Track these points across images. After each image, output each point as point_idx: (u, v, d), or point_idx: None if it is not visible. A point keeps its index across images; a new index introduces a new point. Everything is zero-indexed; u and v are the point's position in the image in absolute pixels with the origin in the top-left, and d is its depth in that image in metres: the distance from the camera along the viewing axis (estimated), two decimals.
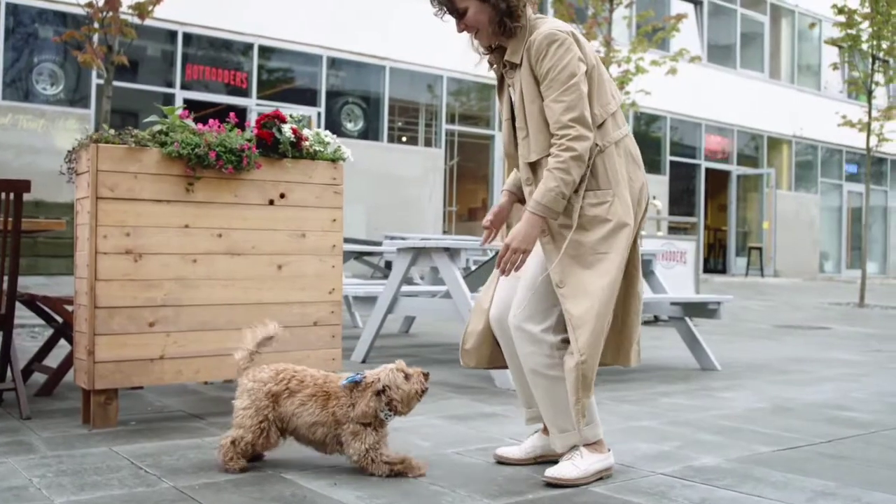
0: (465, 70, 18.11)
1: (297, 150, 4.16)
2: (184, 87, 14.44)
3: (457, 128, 18.46)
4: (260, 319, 4.03)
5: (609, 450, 3.07)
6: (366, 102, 16.92)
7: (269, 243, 4.08)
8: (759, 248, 23.28)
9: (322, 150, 4.26)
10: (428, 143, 18.11)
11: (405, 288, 6.33)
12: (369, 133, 16.58)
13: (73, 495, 2.71)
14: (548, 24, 2.98)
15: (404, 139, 17.86)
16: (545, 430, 3.23)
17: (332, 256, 4.27)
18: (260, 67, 15.44)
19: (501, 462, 3.22)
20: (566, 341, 2.98)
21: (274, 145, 4.08)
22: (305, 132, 4.22)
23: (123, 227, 3.71)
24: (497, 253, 3.17)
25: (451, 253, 5.53)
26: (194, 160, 3.83)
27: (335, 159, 4.30)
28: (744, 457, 3.38)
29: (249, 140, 3.99)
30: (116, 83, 10.98)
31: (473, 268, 6.78)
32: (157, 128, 3.89)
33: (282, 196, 4.12)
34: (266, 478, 2.96)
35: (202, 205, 3.90)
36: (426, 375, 3.09)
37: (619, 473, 3.08)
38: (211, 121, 4.02)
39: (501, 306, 3.16)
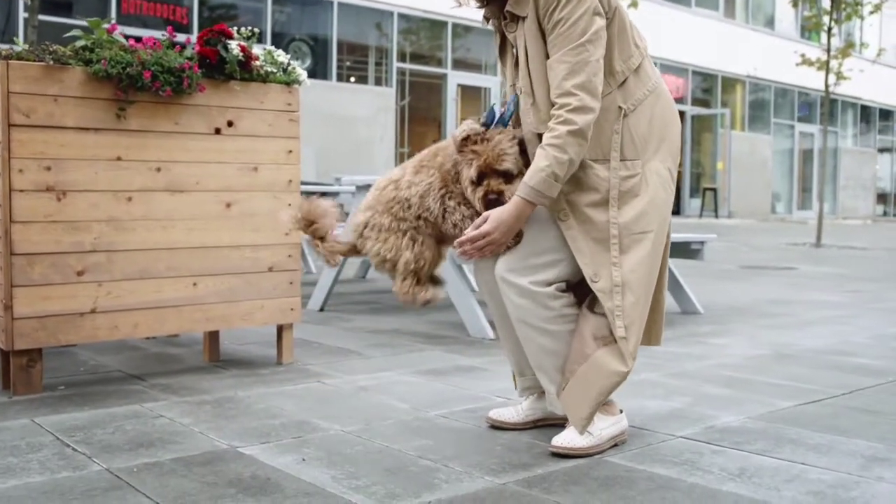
0: (415, 6, 17.42)
1: (246, 70, 3.61)
2: (120, 22, 13.54)
3: (408, 66, 17.80)
4: (208, 263, 3.53)
5: (621, 411, 2.64)
6: (313, 40, 16.19)
7: (216, 178, 3.54)
8: (714, 189, 23.10)
9: (275, 71, 3.71)
10: (378, 83, 17.46)
11: None
12: (317, 72, 15.86)
13: None
14: None
15: (353, 79, 17.18)
16: (542, 392, 2.79)
17: (288, 193, 3.75)
18: (201, 3, 14.61)
19: (496, 426, 2.77)
20: (562, 290, 2.53)
21: (219, 65, 3.53)
22: (255, 50, 3.67)
23: (43, 159, 3.15)
24: None
25: None
26: (126, 81, 3.26)
27: (290, 82, 3.76)
28: (766, 414, 2.98)
29: (190, 58, 3.43)
30: (48, 18, 10.18)
31: None
32: (80, 43, 3.32)
33: (229, 124, 3.57)
34: (220, 455, 2.48)
35: (137, 134, 3.35)
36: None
37: (633, 438, 2.66)
38: (145, 38, 3.46)
39: (489, 260, 2.68)
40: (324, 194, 8.81)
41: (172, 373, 3.58)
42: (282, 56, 3.75)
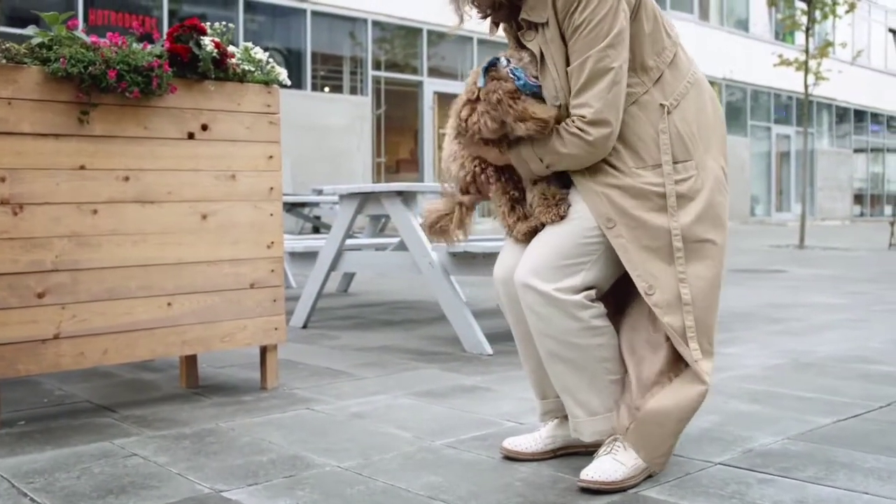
0: (390, 13, 17.15)
1: (220, 69, 3.30)
2: (88, 33, 13.15)
3: (383, 74, 17.52)
4: (183, 281, 3.21)
5: None
6: (287, 49, 15.87)
7: (190, 187, 3.23)
8: None
9: (253, 69, 3.41)
10: (354, 92, 17.16)
11: (348, 242, 5.52)
12: (291, 82, 15.52)
13: None
14: None
15: (328, 89, 16.87)
16: (565, 417, 2.50)
17: (269, 202, 3.45)
18: (171, 14, 14.26)
19: (511, 457, 2.47)
20: (591, 298, 2.25)
21: (192, 63, 3.22)
22: (231, 48, 3.37)
23: None
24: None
25: (406, 197, 4.74)
26: (88, 81, 2.95)
27: (269, 81, 3.46)
28: (806, 433, 2.71)
29: (160, 56, 3.12)
30: (13, 30, 9.80)
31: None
32: (37, 40, 2.99)
33: (204, 128, 3.26)
34: (202, 502, 2.16)
35: (102, 140, 3.03)
36: None
37: (666, 466, 2.37)
38: (110, 34, 3.14)
39: (509, 264, 2.40)
40: (303, 205, 8.50)
41: (147, 402, 3.26)
42: (260, 53, 3.45)
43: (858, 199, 31.55)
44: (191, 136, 3.23)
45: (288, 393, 3.41)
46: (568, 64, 2.19)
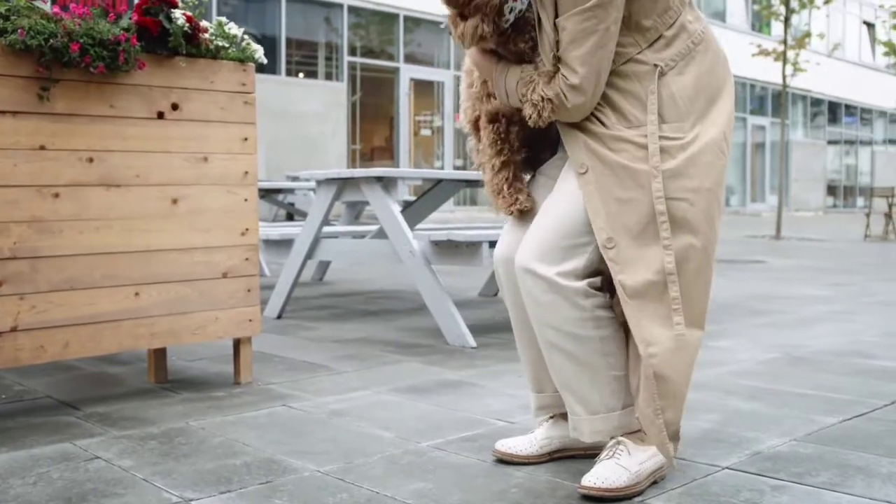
0: None
1: (192, 44, 3.10)
2: (50, 3, 12.82)
3: (359, 60, 17.27)
4: (151, 270, 3.02)
5: None
6: (261, 34, 15.58)
7: (160, 170, 3.03)
8: None
9: (227, 45, 3.21)
10: (329, 77, 16.90)
11: (325, 229, 5.32)
12: (265, 67, 15.24)
13: None
14: None
15: (302, 75, 16.60)
16: (561, 416, 2.34)
17: (243, 187, 3.26)
18: None
19: (505, 461, 2.31)
20: (596, 287, 2.09)
21: (161, 38, 3.02)
22: (204, 23, 3.17)
23: None
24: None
25: (386, 183, 4.56)
26: (49, 55, 2.74)
27: (244, 59, 3.26)
28: (813, 434, 2.57)
29: (127, 30, 2.92)
30: None
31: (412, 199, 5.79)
32: None
33: (174, 107, 3.07)
34: None
35: (64, 118, 2.83)
36: None
37: (671, 470, 2.21)
38: (73, 5, 2.93)
39: (511, 244, 2.24)
40: (277, 192, 8.29)
41: (112, 398, 3.06)
42: (234, 29, 3.25)
43: (832, 190, 31.69)
44: (160, 115, 3.03)
45: (263, 388, 3.23)
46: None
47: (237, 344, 3.32)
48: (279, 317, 5.11)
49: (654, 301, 2.04)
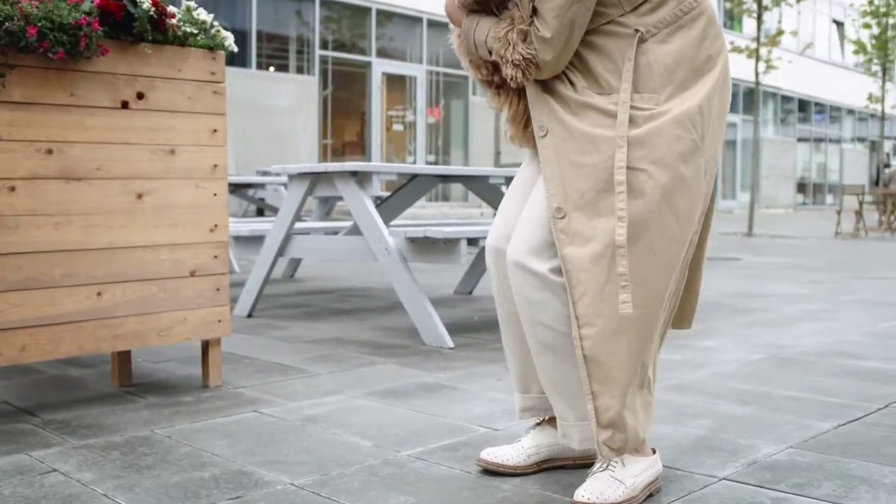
0: None
1: (159, 30, 2.94)
2: None
3: (331, 54, 17.07)
4: (115, 268, 2.86)
5: (654, 450, 2.08)
6: (231, 27, 15.35)
7: (123, 163, 2.87)
8: None
9: (195, 32, 3.05)
10: (300, 71, 16.69)
11: (296, 225, 5.17)
12: (235, 60, 15.02)
13: None
14: None
15: (273, 68, 16.38)
16: (549, 422, 2.22)
17: (212, 180, 3.10)
18: None
19: (490, 471, 2.18)
20: None
21: (126, 23, 2.85)
22: (171, 8, 3.01)
23: None
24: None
25: (360, 178, 4.41)
26: (4, 39, 2.57)
27: (213, 46, 3.11)
28: (809, 441, 2.46)
29: (89, 13, 2.75)
30: None
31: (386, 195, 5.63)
32: None
33: (139, 96, 2.91)
34: None
35: (21, 107, 2.66)
36: None
37: (666, 482, 2.10)
38: None
39: (504, 231, 2.11)
40: (248, 186, 8.12)
41: (73, 403, 2.90)
42: (203, 14, 3.09)
43: (801, 187, 31.88)
44: (124, 104, 2.87)
45: (233, 392, 3.08)
46: None
47: (206, 345, 3.17)
48: (249, 315, 4.95)
49: (599, 277, 1.89)
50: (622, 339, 1.90)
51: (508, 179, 5.53)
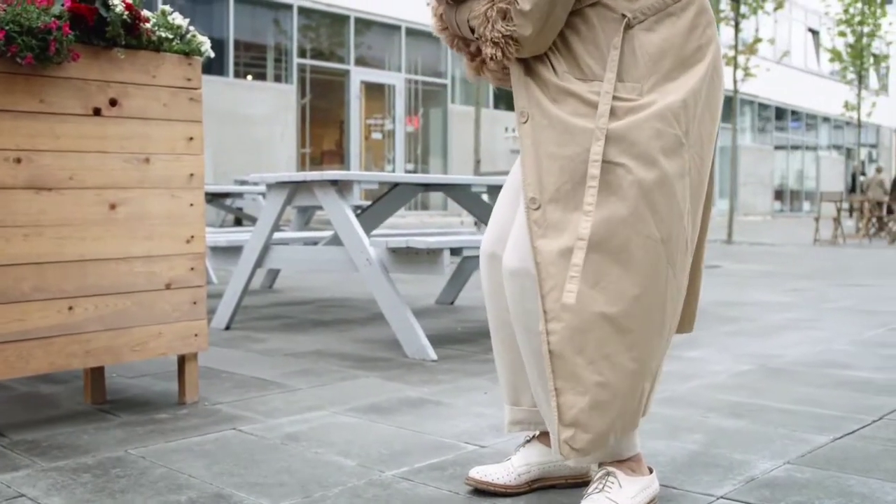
0: (316, 0, 16.64)
1: (132, 35, 2.85)
2: None
3: (309, 62, 16.97)
4: (87, 282, 2.75)
5: (651, 470, 2.01)
6: (209, 35, 15.24)
7: (96, 172, 2.77)
8: None
9: (170, 37, 2.96)
10: (278, 80, 16.58)
11: (275, 235, 5.07)
12: (213, 69, 14.90)
13: None
14: None
15: (250, 77, 16.26)
16: (540, 438, 2.13)
17: (189, 190, 3.00)
18: None
19: (481, 490, 2.09)
20: None
21: (98, 27, 2.76)
22: (146, 13, 2.92)
23: None
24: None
25: (341, 187, 4.33)
26: None
27: (189, 52, 3.02)
28: (806, 455, 2.39)
29: (59, 17, 2.66)
30: None
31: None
32: None
33: (112, 103, 2.81)
34: None
35: None
36: None
37: (662, 502, 2.02)
38: None
39: (499, 236, 2.03)
40: (225, 196, 8.00)
41: (43, 422, 2.79)
42: (179, 19, 3.00)
43: (778, 195, 32.06)
44: (97, 112, 2.77)
45: (210, 409, 2.98)
46: None
47: (182, 360, 3.07)
48: (227, 328, 4.85)
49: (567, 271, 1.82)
50: (589, 337, 1.81)
51: (490, 188, 5.46)
